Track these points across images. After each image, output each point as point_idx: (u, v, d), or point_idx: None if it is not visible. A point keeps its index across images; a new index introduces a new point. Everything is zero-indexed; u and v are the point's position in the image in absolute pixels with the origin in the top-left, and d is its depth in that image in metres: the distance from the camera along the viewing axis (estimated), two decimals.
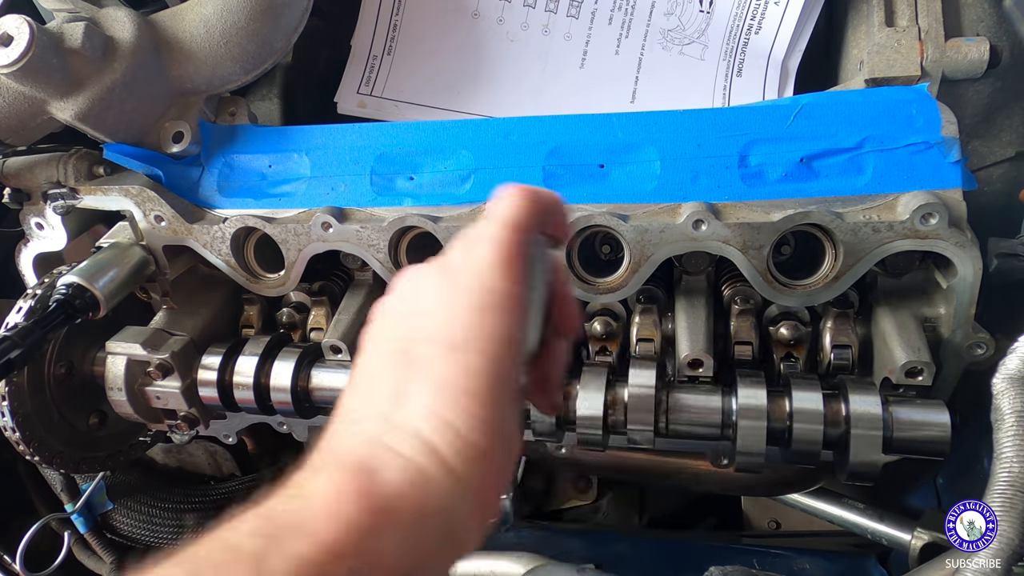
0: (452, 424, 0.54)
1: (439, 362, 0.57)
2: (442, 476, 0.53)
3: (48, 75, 1.15)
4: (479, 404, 0.55)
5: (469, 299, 0.58)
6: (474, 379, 0.55)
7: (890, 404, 1.01)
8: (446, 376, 0.56)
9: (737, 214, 1.08)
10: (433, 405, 0.55)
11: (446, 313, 0.59)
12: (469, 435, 0.54)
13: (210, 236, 1.27)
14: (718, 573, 1.09)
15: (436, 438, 0.54)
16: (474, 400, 0.55)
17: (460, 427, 0.54)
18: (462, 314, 0.58)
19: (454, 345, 0.57)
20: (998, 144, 1.26)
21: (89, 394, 1.35)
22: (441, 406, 0.55)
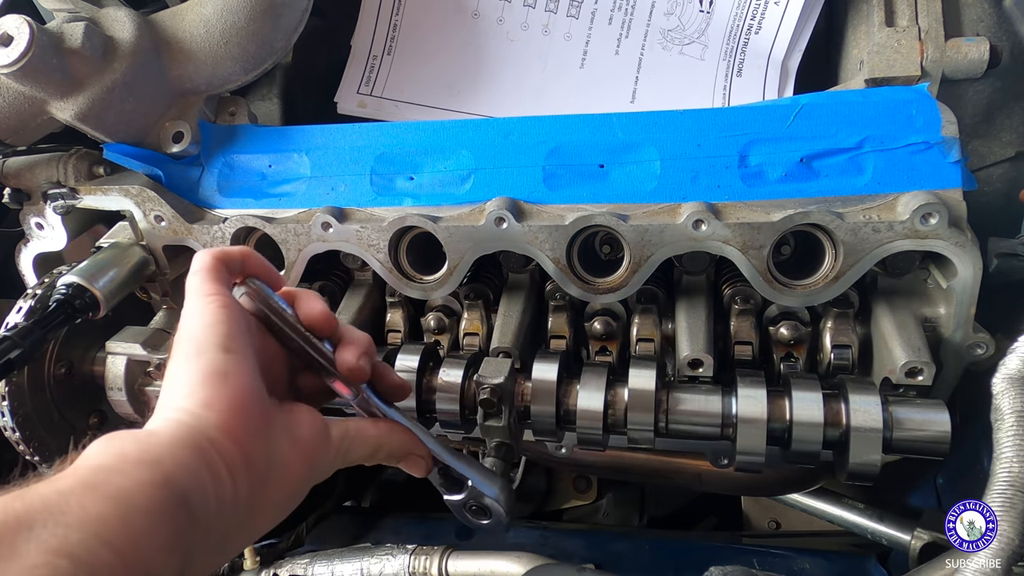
0: (180, 382, 0.73)
1: (169, 361, 0.78)
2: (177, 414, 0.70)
3: (48, 75, 1.15)
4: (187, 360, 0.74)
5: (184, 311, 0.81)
6: (178, 349, 0.76)
7: (890, 404, 1.01)
8: (170, 365, 0.77)
9: (737, 214, 1.08)
10: (169, 382, 0.75)
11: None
12: (193, 379, 0.72)
13: (210, 236, 1.27)
14: (718, 573, 1.09)
15: (170, 398, 0.72)
16: (183, 358, 0.75)
17: (188, 380, 0.72)
18: (177, 329, 0.80)
19: (173, 348, 0.79)
20: (998, 144, 1.26)
21: (89, 394, 1.35)
22: (171, 377, 0.75)
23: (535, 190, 1.17)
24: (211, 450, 0.68)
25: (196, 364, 0.73)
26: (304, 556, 1.40)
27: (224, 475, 0.68)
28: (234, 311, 0.79)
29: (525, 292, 1.29)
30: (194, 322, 0.77)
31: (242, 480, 0.69)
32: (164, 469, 0.63)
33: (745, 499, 1.84)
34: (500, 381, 1.07)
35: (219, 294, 0.80)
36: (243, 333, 0.78)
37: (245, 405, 0.72)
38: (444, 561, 1.26)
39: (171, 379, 0.75)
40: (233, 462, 0.69)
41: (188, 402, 0.71)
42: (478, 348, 1.27)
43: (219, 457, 0.68)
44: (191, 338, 0.76)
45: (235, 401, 0.72)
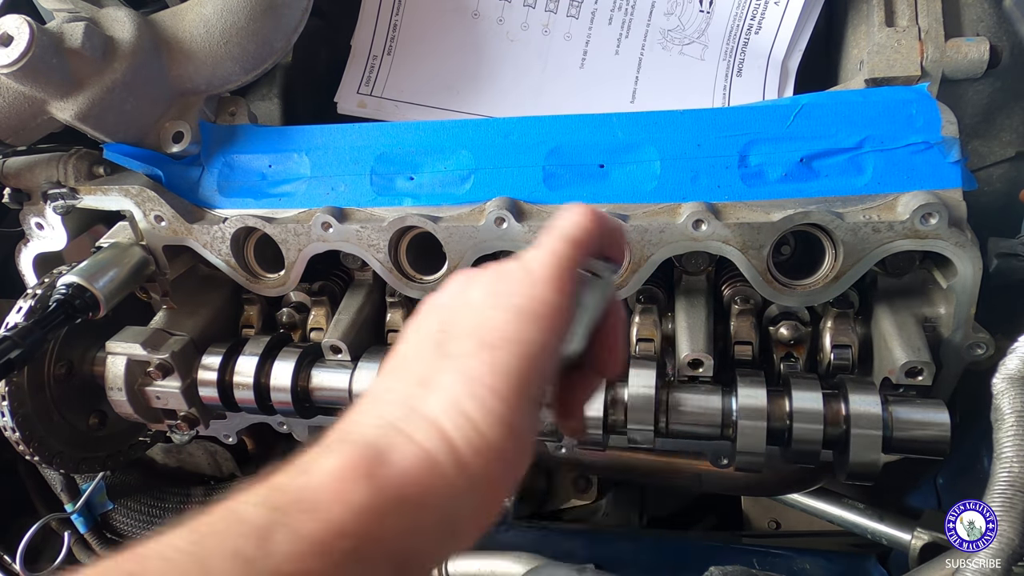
0: (471, 418, 0.55)
1: (470, 356, 0.58)
2: (452, 467, 0.54)
3: (48, 75, 1.15)
4: (501, 402, 0.56)
5: (514, 302, 0.60)
6: (500, 378, 0.56)
7: (890, 404, 1.01)
8: (474, 371, 0.57)
9: (737, 214, 1.08)
10: (456, 396, 0.56)
11: (488, 312, 0.60)
12: (486, 431, 0.55)
13: (210, 236, 1.27)
14: (718, 573, 1.09)
15: (452, 429, 0.55)
16: (496, 398, 0.56)
17: (479, 422, 0.55)
18: (502, 315, 0.59)
19: (488, 342, 0.58)
20: (998, 144, 1.26)
21: (89, 394, 1.35)
22: (464, 398, 0.56)
23: (535, 190, 1.17)
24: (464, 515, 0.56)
25: (511, 416, 0.56)
26: None
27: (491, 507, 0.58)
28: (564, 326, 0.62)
29: None
30: (540, 342, 0.59)
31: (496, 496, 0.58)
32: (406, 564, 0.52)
33: (745, 499, 1.83)
34: None
35: (572, 299, 0.63)
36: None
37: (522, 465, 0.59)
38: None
39: (460, 398, 0.56)
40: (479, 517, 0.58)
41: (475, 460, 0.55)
42: None
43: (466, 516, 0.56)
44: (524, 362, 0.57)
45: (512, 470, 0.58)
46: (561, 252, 0.62)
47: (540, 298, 0.60)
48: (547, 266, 0.62)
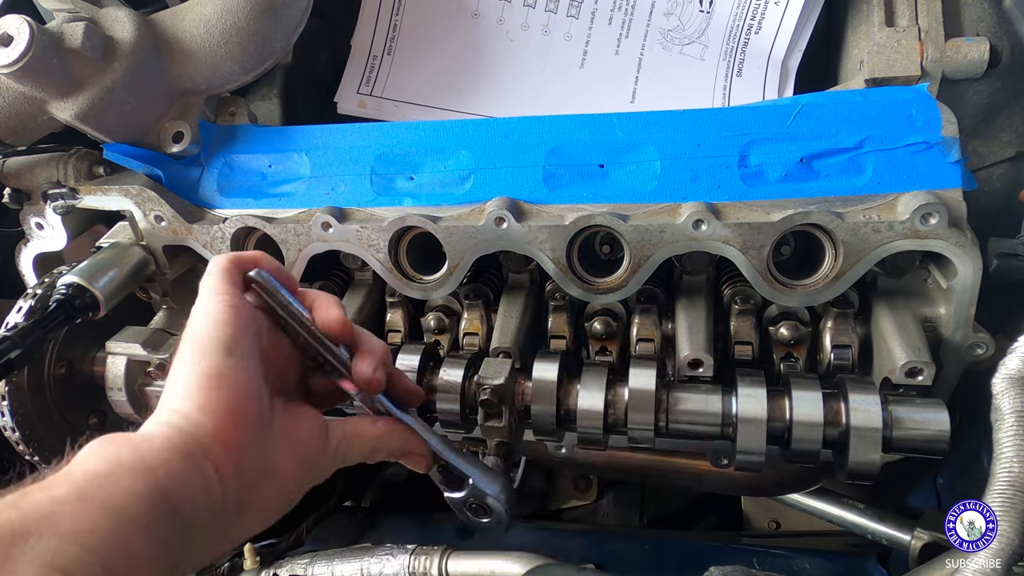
0: (175, 379, 0.74)
1: (174, 360, 0.78)
2: (173, 418, 0.71)
3: (48, 75, 1.15)
4: (189, 365, 0.75)
5: (190, 318, 0.81)
6: (185, 351, 0.76)
7: (890, 403, 1.01)
8: (174, 364, 0.77)
9: (737, 214, 1.08)
10: (170, 383, 0.76)
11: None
12: (186, 383, 0.73)
13: (210, 236, 1.27)
14: (718, 573, 1.09)
15: (168, 398, 0.74)
16: (186, 363, 0.75)
17: (179, 379, 0.74)
18: (185, 327, 0.80)
19: (180, 346, 0.79)
20: (998, 144, 1.26)
21: (89, 394, 1.35)
22: (172, 378, 0.76)
23: (535, 190, 1.17)
24: (204, 457, 0.69)
25: (197, 366, 0.74)
26: (304, 556, 1.40)
27: (214, 481, 0.69)
28: (242, 311, 0.79)
29: (525, 292, 1.29)
30: (201, 321, 0.78)
31: (232, 485, 0.71)
32: (157, 478, 0.64)
33: (745, 499, 1.83)
34: (501, 382, 1.07)
35: (229, 294, 0.80)
36: (248, 334, 0.78)
37: (241, 411, 0.73)
38: (444, 561, 1.26)
39: (172, 378, 0.76)
40: (224, 468, 0.70)
41: (185, 405, 0.72)
42: (478, 348, 1.27)
43: (210, 463, 0.69)
44: (196, 337, 0.76)
45: (231, 407, 0.73)
46: (205, 281, 0.83)
47: (199, 305, 0.80)
48: (201, 291, 0.83)
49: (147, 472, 0.64)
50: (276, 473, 0.76)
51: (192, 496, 0.66)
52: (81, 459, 0.65)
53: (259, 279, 0.84)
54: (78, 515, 0.58)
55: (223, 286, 0.81)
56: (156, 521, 0.62)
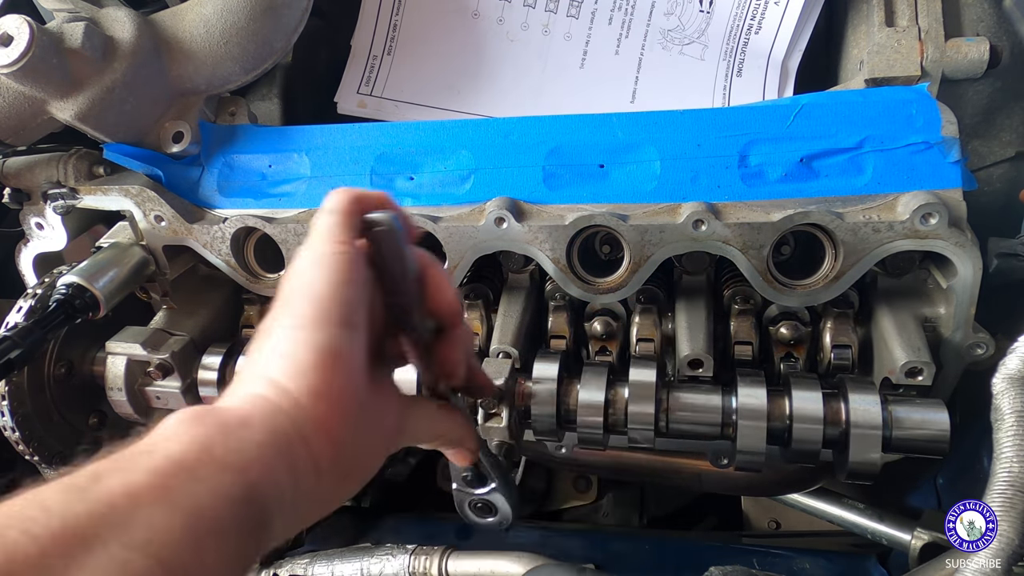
0: (283, 353, 0.63)
1: (278, 314, 0.67)
2: (273, 393, 0.61)
3: (48, 75, 1.15)
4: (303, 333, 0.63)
5: (299, 264, 0.69)
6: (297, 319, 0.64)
7: (889, 403, 1.01)
8: (281, 324, 0.65)
9: (737, 214, 1.08)
10: (270, 347, 0.64)
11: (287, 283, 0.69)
12: (300, 357, 0.62)
13: (210, 236, 1.27)
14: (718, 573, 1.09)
15: (271, 369, 0.62)
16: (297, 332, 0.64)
17: (290, 354, 0.63)
18: (292, 275, 0.69)
19: (286, 299, 0.67)
20: (998, 144, 1.26)
21: (89, 394, 1.35)
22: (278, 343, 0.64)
23: (535, 190, 1.17)
24: (303, 452, 0.60)
25: (313, 336, 0.63)
26: (304, 556, 1.40)
27: (309, 480, 0.61)
28: (364, 272, 0.68)
29: (525, 292, 1.29)
30: (321, 277, 0.65)
31: (327, 479, 0.63)
32: (248, 480, 0.55)
33: (745, 499, 1.83)
34: (501, 382, 1.07)
35: (351, 247, 0.68)
36: (365, 301, 0.68)
37: (351, 399, 0.64)
38: (444, 561, 1.26)
39: (276, 341, 0.64)
40: (322, 464, 0.62)
41: (295, 383, 0.61)
42: (478, 348, 1.27)
43: (310, 461, 0.60)
44: (314, 298, 0.64)
45: (343, 394, 0.63)
46: (325, 221, 0.70)
47: (315, 252, 0.68)
48: (316, 233, 0.70)
49: (239, 472, 0.54)
50: (366, 459, 0.68)
51: (279, 496, 0.57)
52: (165, 435, 0.56)
53: (389, 226, 0.69)
54: (154, 521, 0.49)
55: (344, 234, 0.68)
56: (237, 530, 0.53)
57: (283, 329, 0.64)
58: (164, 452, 0.53)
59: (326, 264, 0.66)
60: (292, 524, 0.61)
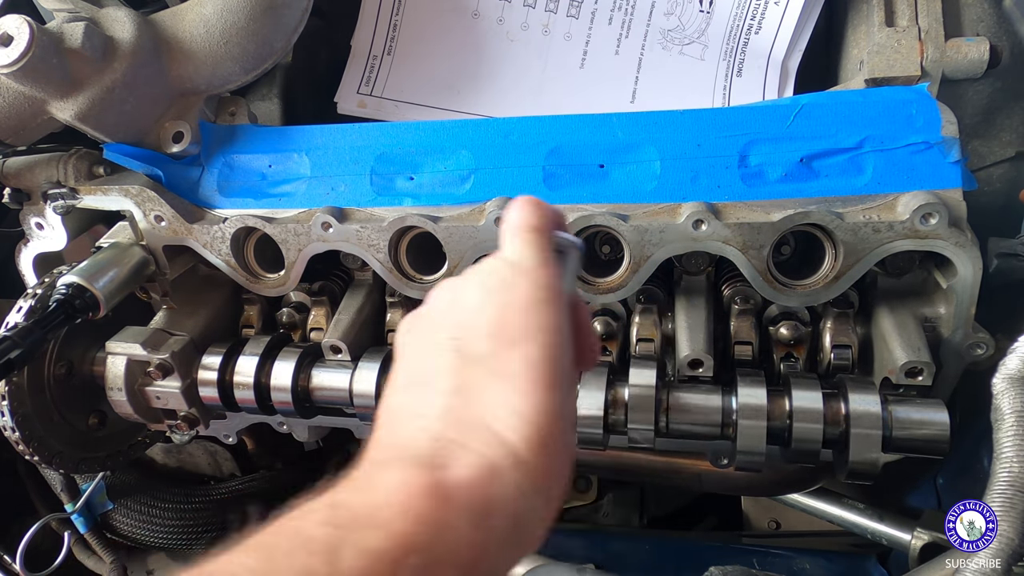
0: (521, 413, 0.56)
1: (498, 356, 0.58)
2: (512, 468, 0.54)
3: (48, 75, 1.15)
4: (545, 391, 0.56)
5: (518, 295, 0.60)
6: (536, 369, 0.57)
7: (889, 403, 1.01)
8: (508, 368, 0.57)
9: (737, 214, 1.08)
10: (502, 397, 0.56)
11: (497, 310, 0.60)
12: (537, 421, 0.55)
13: (210, 236, 1.27)
14: (718, 573, 1.09)
15: (505, 429, 0.55)
16: (540, 388, 0.56)
17: (529, 415, 0.55)
18: (513, 309, 0.60)
19: (511, 339, 0.58)
20: (998, 144, 1.26)
21: (89, 394, 1.35)
22: (509, 396, 0.56)
23: (535, 190, 1.17)
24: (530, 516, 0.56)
25: (552, 400, 0.56)
26: None
27: (527, 539, 0.57)
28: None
29: None
30: (557, 326, 0.59)
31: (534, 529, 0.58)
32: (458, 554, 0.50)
33: (745, 499, 1.83)
34: None
35: (562, 286, 0.62)
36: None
37: (568, 464, 0.59)
38: None
39: (509, 395, 0.56)
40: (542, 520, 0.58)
41: (530, 456, 0.55)
42: None
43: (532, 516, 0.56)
44: (549, 345, 0.57)
45: (566, 458, 0.59)
46: (534, 240, 0.64)
47: (541, 284, 0.60)
48: (531, 255, 0.63)
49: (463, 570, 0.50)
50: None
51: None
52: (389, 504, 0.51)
53: (580, 252, 0.65)
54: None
55: (552, 262, 0.62)
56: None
57: (514, 380, 0.57)
58: (393, 528, 0.49)
59: (551, 300, 0.59)
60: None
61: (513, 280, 0.61)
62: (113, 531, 1.70)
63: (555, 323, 0.59)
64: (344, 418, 1.34)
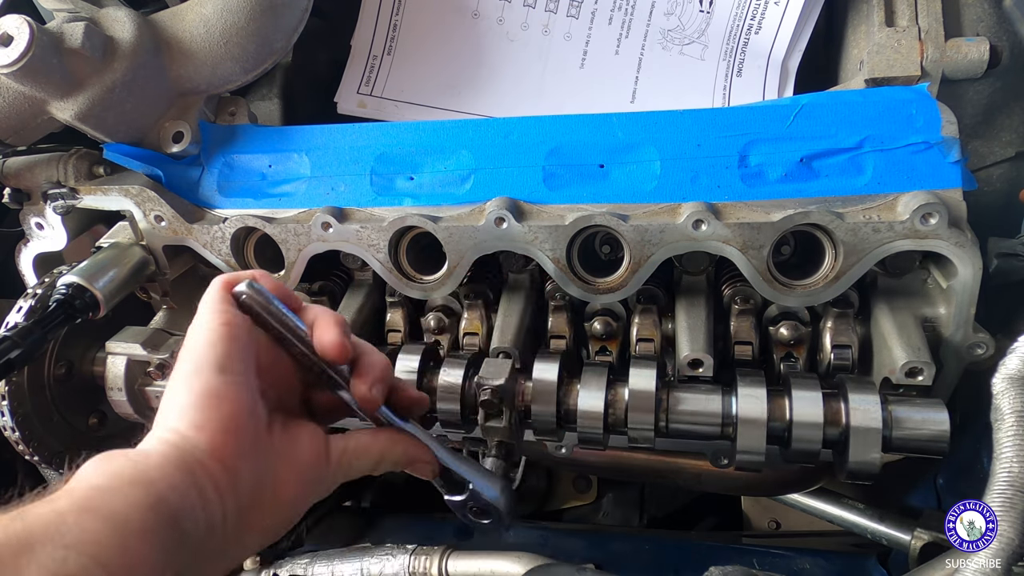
0: (173, 400, 0.75)
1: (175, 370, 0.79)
2: (169, 434, 0.72)
3: (48, 75, 1.15)
4: (189, 381, 0.75)
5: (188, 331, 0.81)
6: (181, 375, 0.76)
7: (889, 403, 1.01)
8: (170, 379, 0.78)
9: (737, 214, 1.08)
10: (166, 399, 0.76)
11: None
12: (185, 400, 0.74)
13: (210, 236, 1.27)
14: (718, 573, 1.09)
15: (165, 417, 0.74)
16: (184, 381, 0.75)
17: (180, 399, 0.74)
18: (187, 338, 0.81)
19: (176, 361, 0.79)
20: (998, 144, 1.26)
21: (89, 394, 1.35)
22: (168, 394, 0.76)
23: (535, 190, 1.17)
24: (200, 472, 0.69)
25: (192, 384, 0.75)
26: (304, 556, 1.40)
27: (213, 496, 0.70)
28: (237, 328, 0.80)
29: (525, 292, 1.29)
30: (196, 338, 0.78)
31: (230, 502, 0.71)
32: (157, 489, 0.65)
33: (745, 499, 1.84)
34: (501, 382, 1.07)
35: (223, 311, 0.80)
36: (243, 351, 0.79)
37: (236, 428, 0.74)
38: (444, 561, 1.26)
39: (168, 396, 0.76)
40: (221, 484, 0.71)
41: (181, 423, 0.73)
42: (478, 348, 1.27)
43: (208, 479, 0.70)
44: (191, 355, 0.77)
45: (226, 424, 0.73)
46: (203, 300, 0.83)
47: (195, 322, 0.80)
48: (202, 304, 0.82)
49: (147, 484, 0.65)
50: (275, 490, 0.76)
51: (191, 510, 0.67)
52: (81, 475, 0.66)
53: (248, 291, 0.83)
54: (82, 525, 0.58)
55: (219, 304, 0.81)
56: (157, 531, 0.63)
57: (171, 385, 0.77)
58: (82, 484, 0.64)
59: (201, 327, 0.79)
60: (220, 545, 0.71)
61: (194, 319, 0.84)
62: None
63: (195, 341, 0.79)
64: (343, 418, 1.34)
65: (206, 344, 0.77)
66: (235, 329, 0.79)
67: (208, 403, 0.73)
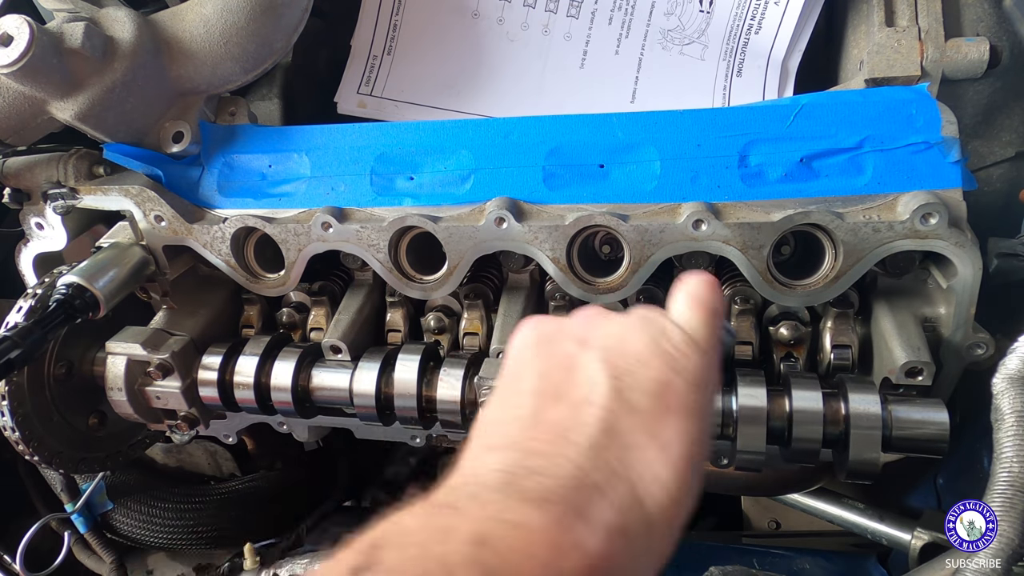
0: (666, 485, 0.58)
1: (657, 419, 0.61)
2: (642, 533, 0.56)
3: (48, 75, 1.15)
4: (689, 469, 0.60)
5: (690, 370, 0.64)
6: (686, 446, 0.60)
7: (889, 403, 1.01)
8: (665, 437, 0.60)
9: (737, 214, 1.08)
10: (652, 462, 0.59)
11: (664, 374, 0.64)
12: (676, 494, 0.58)
13: (210, 236, 1.27)
14: (718, 573, 1.09)
15: (647, 496, 0.57)
16: (685, 465, 0.60)
17: (671, 488, 0.58)
18: (682, 381, 0.63)
19: (673, 408, 0.61)
20: (998, 144, 1.26)
21: (89, 394, 1.35)
22: (658, 465, 0.59)
23: (535, 190, 1.17)
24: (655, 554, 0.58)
25: (693, 478, 0.61)
26: (304, 556, 1.40)
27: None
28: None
29: (525, 292, 1.29)
30: (710, 412, 0.65)
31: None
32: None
33: (745, 499, 1.83)
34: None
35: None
36: None
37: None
38: None
39: (651, 463, 0.59)
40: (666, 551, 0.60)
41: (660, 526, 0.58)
42: (478, 348, 1.27)
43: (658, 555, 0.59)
44: (704, 433, 0.62)
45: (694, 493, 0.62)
46: (712, 323, 0.69)
47: (708, 368, 0.65)
48: (707, 336, 0.68)
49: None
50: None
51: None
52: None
53: (731, 345, 0.75)
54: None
55: (719, 350, 0.68)
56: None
57: (667, 449, 0.60)
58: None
59: (710, 388, 0.65)
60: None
61: (687, 353, 0.65)
62: (113, 531, 1.70)
63: (710, 409, 0.64)
64: (344, 418, 1.34)
65: (711, 413, 0.67)
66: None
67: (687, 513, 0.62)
